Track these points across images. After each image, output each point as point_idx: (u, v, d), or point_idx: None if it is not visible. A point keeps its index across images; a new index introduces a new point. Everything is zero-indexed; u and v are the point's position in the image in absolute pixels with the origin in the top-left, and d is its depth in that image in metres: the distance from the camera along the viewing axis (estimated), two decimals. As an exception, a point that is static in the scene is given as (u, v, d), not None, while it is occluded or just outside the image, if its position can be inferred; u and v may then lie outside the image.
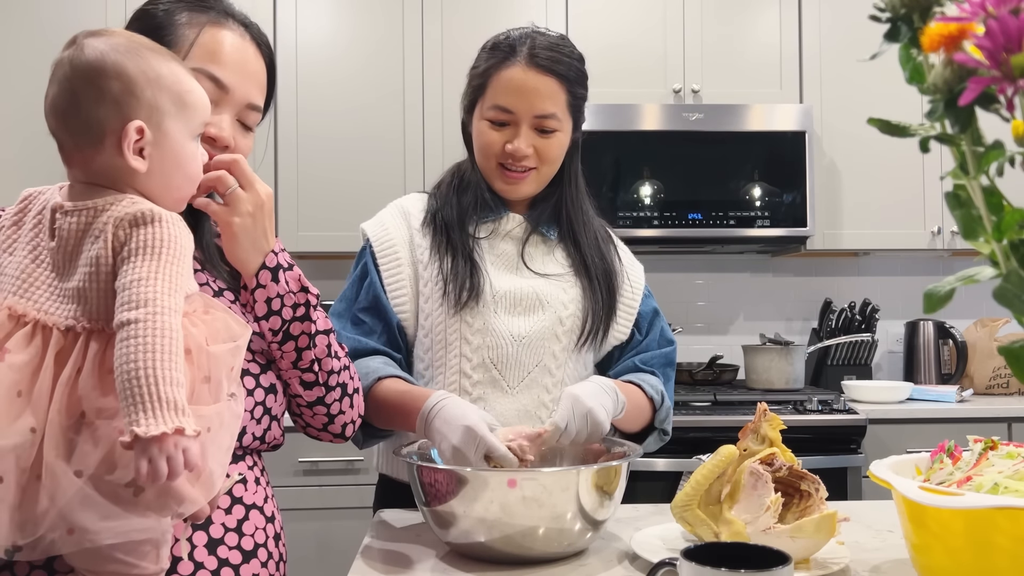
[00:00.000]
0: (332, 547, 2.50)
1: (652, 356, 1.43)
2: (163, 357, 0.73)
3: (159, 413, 0.72)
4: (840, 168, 2.91)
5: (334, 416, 1.11)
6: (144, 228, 0.80)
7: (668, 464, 2.42)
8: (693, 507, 1.05)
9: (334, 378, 1.08)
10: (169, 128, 0.86)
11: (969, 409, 2.65)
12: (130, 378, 0.72)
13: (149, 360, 0.73)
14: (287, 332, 1.02)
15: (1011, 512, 0.78)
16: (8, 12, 2.77)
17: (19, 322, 0.79)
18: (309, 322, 1.03)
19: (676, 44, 2.89)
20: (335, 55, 2.82)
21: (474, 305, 1.33)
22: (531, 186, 1.39)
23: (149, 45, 0.88)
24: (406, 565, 1.07)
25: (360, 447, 1.37)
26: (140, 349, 0.73)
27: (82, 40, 0.85)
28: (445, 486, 1.04)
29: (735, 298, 3.25)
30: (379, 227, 1.42)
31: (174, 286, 0.78)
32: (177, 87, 0.86)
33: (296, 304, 1.02)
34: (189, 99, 0.87)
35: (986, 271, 0.55)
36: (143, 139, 0.83)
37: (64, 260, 0.82)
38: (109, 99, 0.82)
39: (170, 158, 0.86)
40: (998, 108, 0.53)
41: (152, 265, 0.78)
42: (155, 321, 0.74)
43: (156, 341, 0.74)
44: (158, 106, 0.84)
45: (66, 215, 0.82)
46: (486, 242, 1.39)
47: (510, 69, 1.33)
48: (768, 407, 1.12)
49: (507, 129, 1.34)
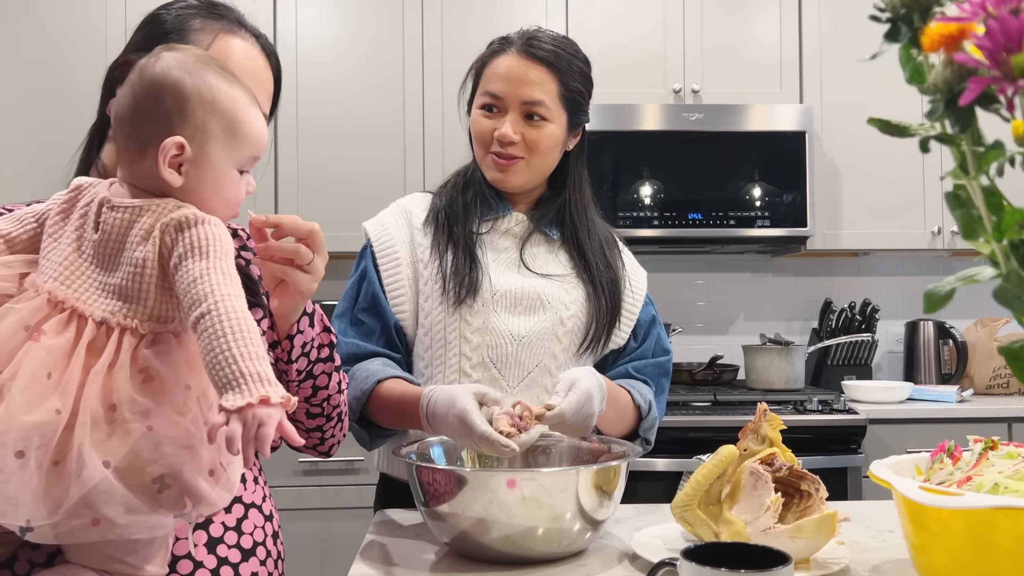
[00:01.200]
0: (332, 547, 2.50)
1: (646, 364, 1.43)
2: (237, 336, 0.76)
3: (244, 387, 0.74)
4: (840, 168, 2.91)
5: (326, 439, 1.16)
6: (190, 231, 0.82)
7: (668, 464, 2.42)
8: (693, 507, 1.05)
9: (336, 410, 1.13)
10: (212, 152, 0.87)
11: (969, 409, 2.65)
12: (215, 364, 0.75)
13: (225, 343, 0.75)
14: (310, 372, 1.06)
15: (1011, 512, 0.78)
16: (8, 11, 2.77)
17: (57, 308, 0.81)
18: (331, 362, 1.08)
19: (676, 44, 2.90)
20: (336, 56, 2.82)
21: (472, 302, 1.33)
22: (520, 176, 1.38)
23: (219, 69, 0.89)
24: (406, 565, 1.07)
25: (368, 448, 1.37)
26: (216, 335, 0.76)
27: (159, 51, 0.88)
28: (444, 486, 1.04)
29: (735, 298, 3.25)
30: (380, 227, 1.42)
31: (228, 276, 0.81)
32: (231, 115, 0.88)
33: (322, 345, 1.06)
34: (241, 129, 0.89)
35: (986, 271, 0.55)
36: (183, 155, 0.85)
37: (106, 255, 0.84)
38: (162, 113, 0.85)
39: (209, 180, 0.87)
40: (998, 108, 0.53)
41: (203, 264, 0.80)
42: (221, 308, 0.77)
43: (226, 324, 0.76)
44: (205, 128, 0.86)
45: (112, 210, 0.84)
46: (487, 237, 1.39)
47: (501, 57, 1.36)
48: (768, 407, 1.12)
49: (497, 116, 1.36)
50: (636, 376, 1.42)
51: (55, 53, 2.70)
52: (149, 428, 0.78)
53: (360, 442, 1.36)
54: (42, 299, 0.81)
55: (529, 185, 1.41)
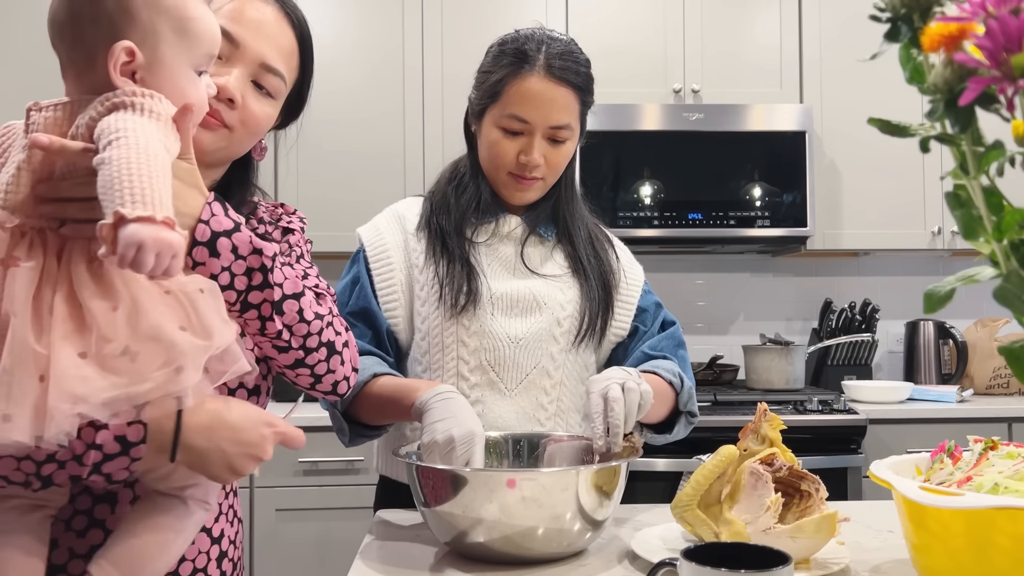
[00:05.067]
0: (332, 547, 2.49)
1: (659, 340, 1.42)
2: (143, 161, 0.70)
3: (145, 201, 0.69)
4: (840, 168, 2.91)
5: (321, 376, 1.01)
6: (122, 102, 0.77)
7: (668, 464, 2.42)
8: (693, 507, 1.05)
9: (313, 339, 0.97)
10: (165, 54, 0.82)
11: (969, 409, 2.65)
12: (110, 181, 0.69)
13: (129, 165, 0.70)
14: (245, 303, 0.90)
15: (1011, 512, 0.78)
16: (6, 12, 2.77)
17: (15, 233, 0.78)
18: (269, 289, 0.90)
19: (676, 44, 2.90)
20: (336, 57, 2.82)
21: (471, 308, 1.33)
22: (537, 193, 1.40)
23: None
24: (406, 565, 1.07)
25: (347, 445, 1.35)
26: (120, 160, 0.70)
27: None
28: (444, 486, 1.04)
29: (735, 298, 3.25)
30: (373, 232, 1.42)
31: (152, 130, 0.75)
32: (179, 12, 0.82)
33: (250, 270, 0.89)
34: (191, 27, 0.83)
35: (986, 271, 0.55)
36: (134, 62, 0.80)
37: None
38: (103, 16, 0.79)
39: (168, 85, 0.82)
40: (998, 108, 0.53)
41: (128, 115, 0.76)
42: (131, 139, 0.72)
43: (133, 153, 0.71)
44: (155, 29, 0.81)
45: (40, 111, 0.80)
46: (484, 246, 1.39)
47: (527, 80, 1.31)
48: (768, 407, 1.12)
49: (521, 139, 1.33)
50: (655, 354, 1.40)
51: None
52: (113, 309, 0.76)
53: (339, 434, 1.33)
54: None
55: (540, 197, 1.41)
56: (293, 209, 1.18)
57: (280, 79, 1.03)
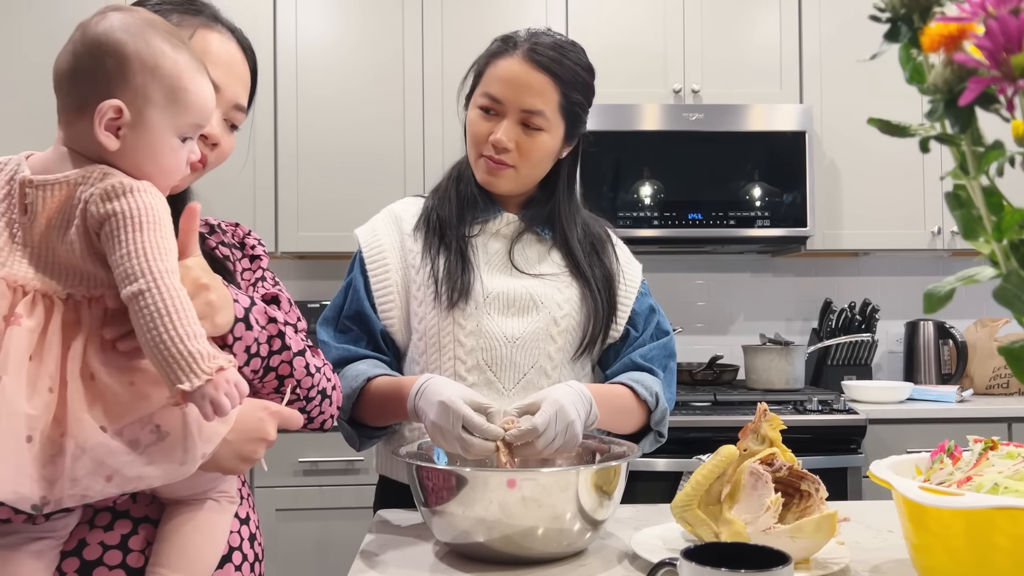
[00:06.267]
0: (332, 547, 2.50)
1: (650, 349, 1.42)
2: (177, 317, 0.78)
3: (196, 366, 0.77)
4: (840, 168, 2.91)
5: (315, 417, 1.11)
6: (118, 201, 0.81)
7: (668, 464, 2.42)
8: (693, 507, 1.05)
9: (314, 390, 1.08)
10: (151, 117, 0.85)
11: (969, 409, 2.65)
12: (156, 345, 0.77)
13: (166, 324, 0.77)
14: (267, 367, 1.01)
15: (1011, 512, 0.78)
16: (8, 8, 2.77)
17: (18, 291, 0.81)
18: (287, 351, 1.01)
19: (676, 44, 2.90)
20: (336, 58, 2.82)
21: (465, 306, 1.33)
22: (509, 183, 1.37)
23: (166, 33, 0.87)
24: (406, 565, 1.07)
25: (358, 449, 1.37)
26: (154, 316, 0.77)
27: (105, 11, 0.86)
28: (444, 486, 1.04)
29: (735, 298, 3.25)
30: (370, 233, 1.43)
31: (163, 249, 0.81)
32: (173, 81, 0.86)
33: (271, 337, 0.99)
34: (183, 97, 0.87)
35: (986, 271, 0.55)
36: (120, 119, 0.83)
37: (44, 233, 0.83)
38: (101, 74, 0.83)
39: (145, 146, 0.86)
40: (998, 108, 0.53)
41: (136, 236, 0.80)
42: (157, 287, 0.78)
43: (165, 305, 0.78)
44: (146, 93, 0.84)
45: (36, 189, 0.83)
46: (478, 240, 1.39)
47: (506, 60, 1.33)
48: (768, 407, 1.12)
49: (494, 119, 1.34)
50: (643, 365, 1.40)
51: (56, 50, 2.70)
52: (131, 384, 0.81)
53: (349, 441, 1.37)
54: (2, 286, 0.80)
55: (518, 191, 1.41)
56: (248, 229, 1.23)
57: (244, 113, 1.10)
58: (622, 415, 1.33)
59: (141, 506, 0.95)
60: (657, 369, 1.41)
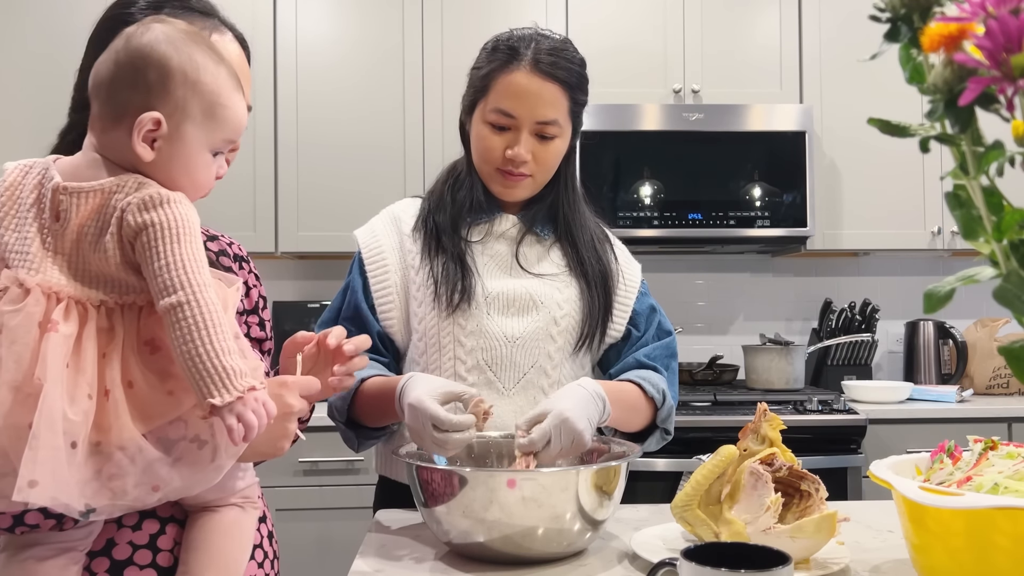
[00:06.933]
0: (332, 547, 2.50)
1: (653, 349, 1.42)
2: (213, 331, 0.79)
3: (228, 382, 0.78)
4: (840, 168, 2.91)
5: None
6: (155, 211, 0.81)
7: (668, 464, 2.42)
8: (693, 507, 1.05)
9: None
10: (187, 132, 0.86)
11: (969, 409, 2.65)
12: (192, 358, 0.78)
13: (203, 338, 0.78)
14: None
15: (1011, 512, 0.78)
16: (11, 3, 2.77)
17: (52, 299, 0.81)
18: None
19: (676, 44, 2.89)
20: (336, 58, 2.82)
21: (466, 307, 1.33)
22: (526, 190, 1.39)
23: (207, 48, 0.88)
24: (406, 565, 1.07)
25: (356, 450, 1.37)
26: (191, 330, 0.78)
27: (149, 22, 0.87)
28: (444, 486, 1.04)
29: (735, 298, 3.25)
30: (369, 234, 1.43)
31: (198, 262, 0.82)
32: (213, 97, 0.86)
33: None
34: (220, 113, 0.87)
35: (986, 271, 0.55)
36: (158, 131, 0.84)
37: (77, 241, 0.83)
38: (142, 85, 0.84)
39: (180, 159, 0.86)
40: (998, 108, 0.53)
41: (174, 248, 0.81)
42: (196, 300, 0.79)
43: (202, 319, 0.79)
44: (185, 107, 0.85)
45: (70, 196, 0.83)
46: (479, 245, 1.39)
47: (513, 73, 1.32)
48: (768, 407, 1.12)
49: (508, 134, 1.34)
50: (647, 364, 1.40)
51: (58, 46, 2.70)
52: (169, 393, 0.81)
53: (348, 443, 1.37)
54: (37, 293, 0.81)
55: (531, 195, 1.41)
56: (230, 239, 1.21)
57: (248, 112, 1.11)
58: (631, 412, 1.33)
59: (167, 506, 0.95)
60: (661, 368, 1.41)
